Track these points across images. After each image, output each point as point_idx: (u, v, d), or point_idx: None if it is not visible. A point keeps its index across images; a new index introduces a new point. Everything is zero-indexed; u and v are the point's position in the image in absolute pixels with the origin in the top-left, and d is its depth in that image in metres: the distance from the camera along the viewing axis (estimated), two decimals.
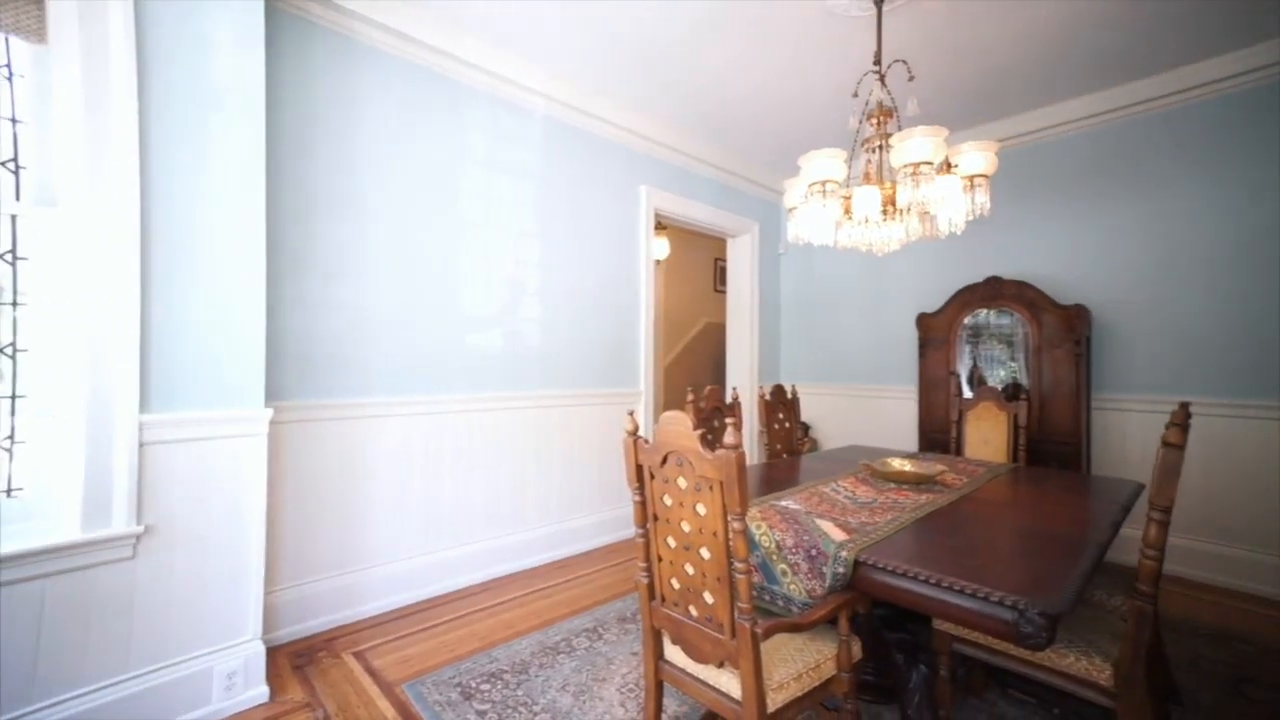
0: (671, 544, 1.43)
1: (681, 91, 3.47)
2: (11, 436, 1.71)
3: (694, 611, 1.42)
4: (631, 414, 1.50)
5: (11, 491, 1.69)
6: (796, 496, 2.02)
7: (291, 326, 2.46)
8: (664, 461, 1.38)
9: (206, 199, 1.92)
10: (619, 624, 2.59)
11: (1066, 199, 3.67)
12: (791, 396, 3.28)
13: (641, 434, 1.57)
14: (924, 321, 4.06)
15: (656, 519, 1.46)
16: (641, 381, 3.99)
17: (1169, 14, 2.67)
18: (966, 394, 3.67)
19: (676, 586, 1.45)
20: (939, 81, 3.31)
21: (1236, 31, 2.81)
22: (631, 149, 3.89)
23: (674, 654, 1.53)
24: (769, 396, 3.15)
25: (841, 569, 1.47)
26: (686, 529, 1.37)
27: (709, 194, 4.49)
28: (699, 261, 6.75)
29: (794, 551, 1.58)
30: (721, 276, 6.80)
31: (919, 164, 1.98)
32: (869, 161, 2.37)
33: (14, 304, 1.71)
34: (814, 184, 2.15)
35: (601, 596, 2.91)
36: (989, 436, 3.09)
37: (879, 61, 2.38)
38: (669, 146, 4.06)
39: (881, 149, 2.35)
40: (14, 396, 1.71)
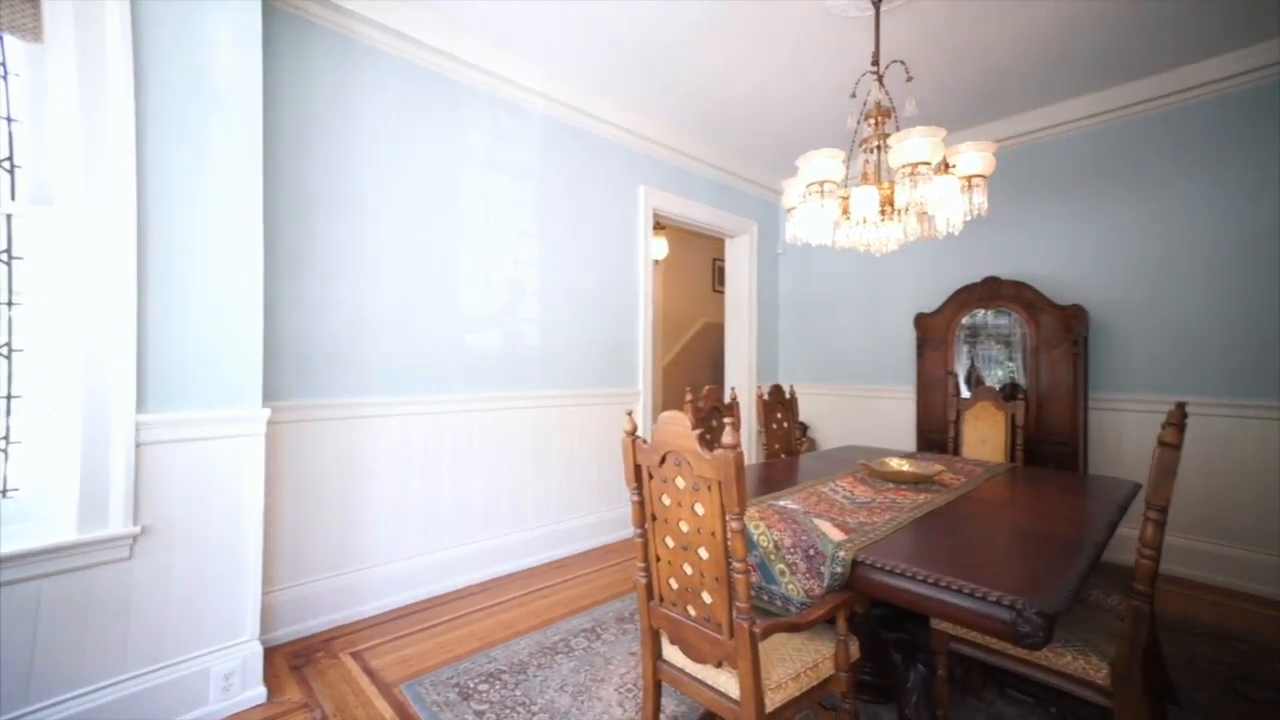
0: (670, 544, 1.43)
1: (680, 91, 3.47)
2: (7, 437, 1.70)
3: (692, 611, 1.42)
4: (630, 414, 1.50)
5: (7, 492, 1.69)
6: (795, 496, 2.02)
7: (290, 326, 2.45)
8: (662, 461, 1.38)
9: (204, 198, 1.91)
10: (617, 624, 2.59)
11: (1065, 199, 3.67)
12: (790, 396, 3.28)
13: (640, 434, 1.57)
14: (922, 321, 4.07)
15: (655, 519, 1.46)
16: (640, 381, 3.99)
17: (1168, 14, 2.67)
18: (964, 394, 3.67)
19: (675, 586, 1.45)
20: (938, 81, 3.31)
21: (1236, 31, 2.82)
22: (630, 149, 3.89)
23: (672, 654, 1.53)
24: (767, 396, 3.15)
25: (839, 569, 1.47)
26: (685, 529, 1.37)
27: (708, 194, 4.49)
28: (697, 261, 6.75)
29: (792, 551, 1.58)
30: (720, 277, 6.80)
31: (917, 164, 1.98)
32: (867, 162, 2.38)
33: (9, 304, 1.70)
34: (812, 184, 2.15)
35: (600, 596, 2.91)
36: (986, 436, 3.09)
37: (877, 62, 2.38)
38: (668, 146, 4.05)
39: (880, 149, 2.35)
40: (9, 396, 1.71)
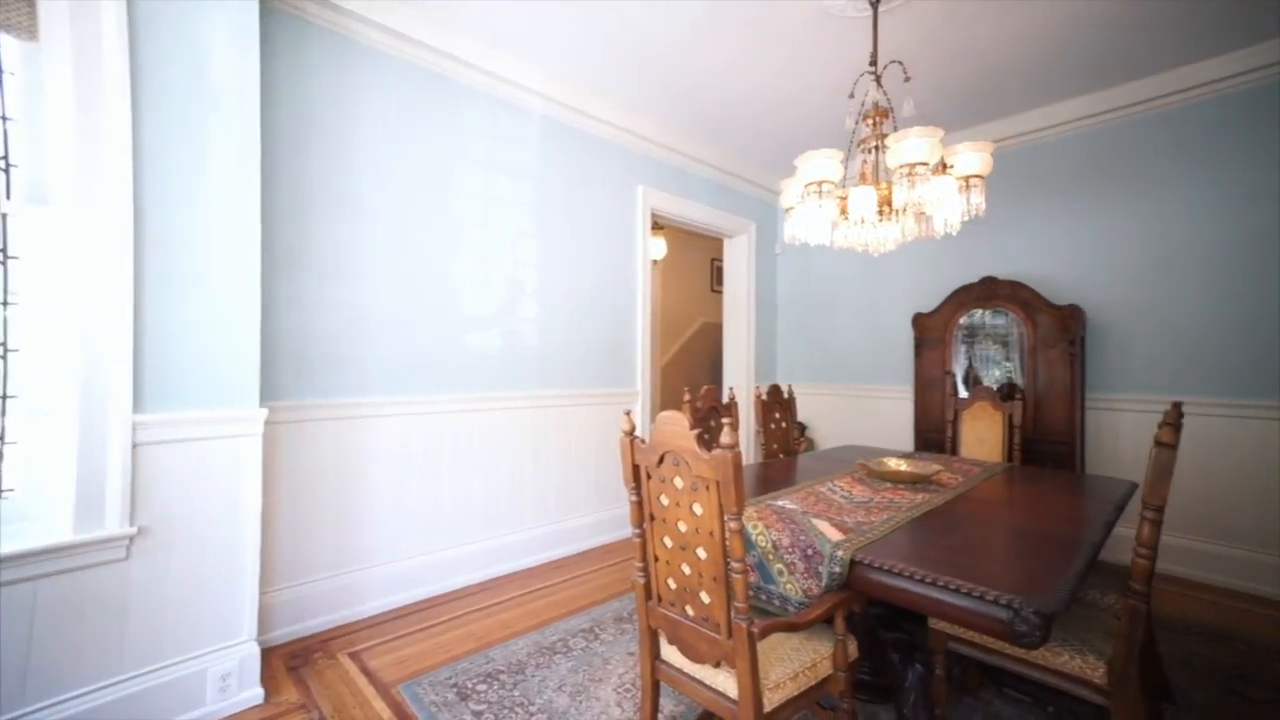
0: (668, 544, 1.43)
1: (679, 91, 3.47)
2: (3, 437, 1.69)
3: (690, 611, 1.42)
4: (628, 414, 1.50)
5: (3, 493, 1.68)
6: (793, 496, 2.02)
7: (287, 326, 2.45)
8: (661, 461, 1.38)
9: (202, 198, 1.91)
10: (616, 624, 2.59)
11: (1064, 199, 3.67)
12: (788, 396, 3.28)
13: (638, 434, 1.57)
14: (920, 321, 4.07)
15: (653, 519, 1.46)
16: (638, 381, 3.99)
17: (1168, 14, 2.67)
18: (962, 394, 3.68)
19: (673, 586, 1.45)
20: (936, 82, 3.31)
21: (1235, 31, 2.82)
22: (629, 149, 3.89)
23: (670, 654, 1.53)
24: (765, 396, 3.15)
25: (837, 568, 1.47)
26: (683, 529, 1.37)
27: (706, 194, 4.49)
28: (696, 261, 6.75)
29: (790, 551, 1.58)
30: (718, 277, 6.80)
31: (915, 164, 1.98)
32: (865, 162, 2.38)
33: (5, 303, 1.70)
34: (810, 184, 2.15)
35: (598, 596, 2.91)
36: (984, 436, 3.10)
37: (875, 62, 2.39)
38: (666, 146, 4.05)
39: (878, 149, 2.35)
40: (5, 397, 1.70)
